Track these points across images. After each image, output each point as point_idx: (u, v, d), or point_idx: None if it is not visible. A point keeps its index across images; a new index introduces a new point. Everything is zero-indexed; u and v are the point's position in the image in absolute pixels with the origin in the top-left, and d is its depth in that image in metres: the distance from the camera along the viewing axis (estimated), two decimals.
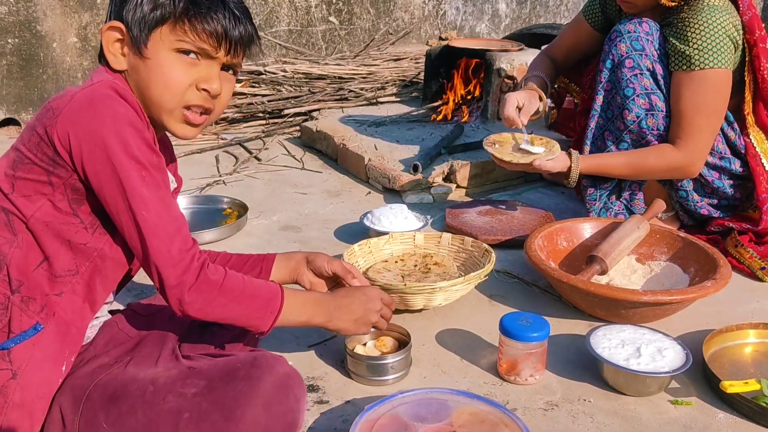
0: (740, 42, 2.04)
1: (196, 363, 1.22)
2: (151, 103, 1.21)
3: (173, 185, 1.38)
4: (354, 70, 3.91)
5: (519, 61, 3.06)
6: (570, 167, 2.10)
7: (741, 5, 2.05)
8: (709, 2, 2.00)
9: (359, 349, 1.57)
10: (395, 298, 1.70)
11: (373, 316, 1.42)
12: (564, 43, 2.49)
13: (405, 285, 1.69)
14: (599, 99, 2.15)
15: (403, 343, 1.58)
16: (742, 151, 2.15)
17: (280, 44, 4.16)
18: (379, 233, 2.11)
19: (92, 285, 1.18)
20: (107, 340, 1.30)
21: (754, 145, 2.15)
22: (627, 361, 1.48)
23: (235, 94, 3.57)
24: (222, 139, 3.29)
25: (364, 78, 3.85)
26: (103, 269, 1.19)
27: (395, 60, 4.14)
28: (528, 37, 3.78)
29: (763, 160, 2.14)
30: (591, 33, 2.39)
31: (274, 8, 4.12)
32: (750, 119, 2.16)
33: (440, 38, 4.85)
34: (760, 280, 2.01)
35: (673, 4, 2.05)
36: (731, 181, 2.18)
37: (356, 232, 2.27)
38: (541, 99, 2.29)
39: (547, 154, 2.10)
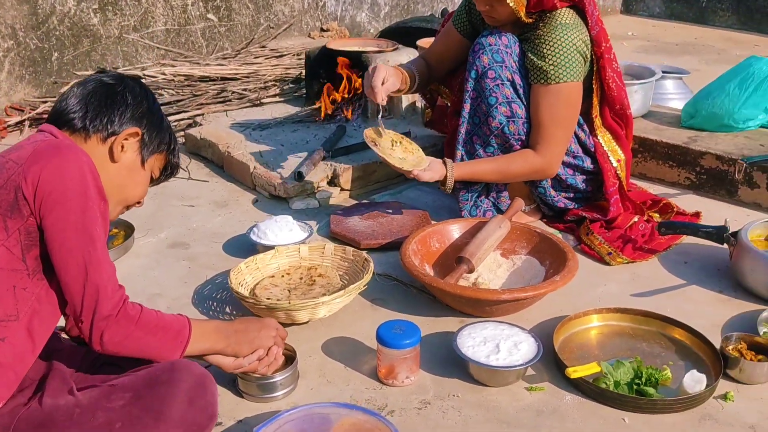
0: (589, 55, 2.26)
1: (116, 381, 1.35)
2: (120, 194, 1.47)
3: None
4: (236, 69, 3.93)
5: (394, 61, 3.19)
6: (446, 176, 2.28)
7: (590, 21, 2.26)
8: (561, 20, 2.20)
9: None
10: (281, 315, 1.83)
11: (268, 341, 1.56)
12: (437, 50, 2.63)
13: (290, 303, 1.82)
14: (467, 107, 2.34)
15: (289, 358, 1.71)
16: (592, 150, 2.40)
17: (158, 47, 4.11)
18: (266, 247, 2.21)
19: (32, 329, 1.29)
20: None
21: (602, 144, 2.41)
22: (488, 357, 1.68)
23: None
24: None
25: (246, 77, 3.89)
26: (40, 312, 1.30)
27: (277, 57, 4.19)
28: (404, 31, 3.94)
29: (611, 158, 2.41)
30: (460, 40, 2.54)
31: (148, 8, 4.06)
32: (598, 121, 2.41)
33: (321, 29, 4.92)
34: (608, 263, 2.28)
35: (530, 20, 2.25)
36: (583, 177, 2.43)
37: (244, 245, 2.37)
38: (405, 81, 2.44)
39: (418, 162, 2.27)
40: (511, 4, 2.18)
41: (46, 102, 3.60)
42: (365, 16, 5.16)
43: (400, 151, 2.36)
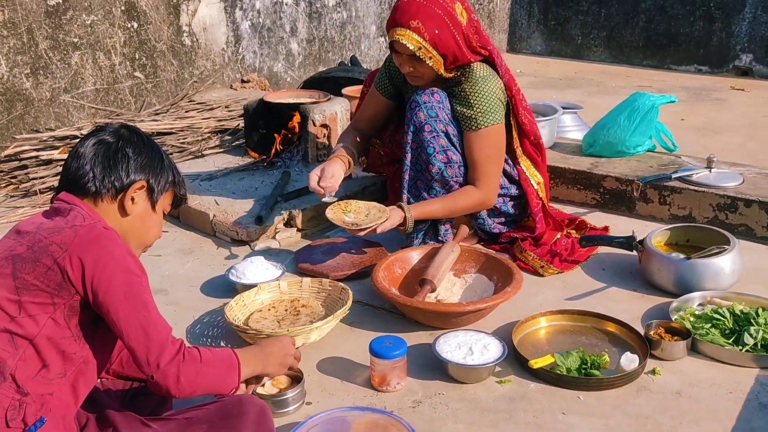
0: (505, 99, 2.68)
1: (190, 414, 1.55)
2: (138, 240, 1.61)
3: None
4: (171, 124, 4.12)
5: (330, 111, 3.53)
6: (405, 218, 2.60)
7: (500, 71, 2.69)
8: (480, 74, 2.61)
9: (260, 390, 1.91)
10: None
11: (290, 360, 1.79)
12: (366, 116, 2.97)
13: (288, 330, 2.08)
14: (409, 156, 2.68)
15: (295, 378, 1.96)
16: (516, 178, 2.81)
17: (89, 105, 4.23)
18: (245, 286, 2.45)
19: (76, 385, 1.46)
20: None
21: (524, 170, 2.83)
22: (464, 359, 2.01)
23: (57, 160, 3.64)
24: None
25: (182, 131, 4.08)
26: (85, 372, 1.47)
27: (209, 110, 4.41)
28: (325, 81, 4.28)
29: (532, 182, 2.83)
30: (386, 103, 2.90)
31: (78, 70, 4.18)
32: (519, 151, 2.82)
33: (242, 80, 5.18)
34: (542, 275, 2.67)
35: (451, 75, 2.64)
36: (512, 202, 2.83)
37: (222, 286, 2.58)
38: (350, 164, 2.76)
39: (378, 219, 2.52)
40: (431, 64, 2.56)
41: None
42: (281, 66, 5.47)
43: (358, 215, 2.57)
